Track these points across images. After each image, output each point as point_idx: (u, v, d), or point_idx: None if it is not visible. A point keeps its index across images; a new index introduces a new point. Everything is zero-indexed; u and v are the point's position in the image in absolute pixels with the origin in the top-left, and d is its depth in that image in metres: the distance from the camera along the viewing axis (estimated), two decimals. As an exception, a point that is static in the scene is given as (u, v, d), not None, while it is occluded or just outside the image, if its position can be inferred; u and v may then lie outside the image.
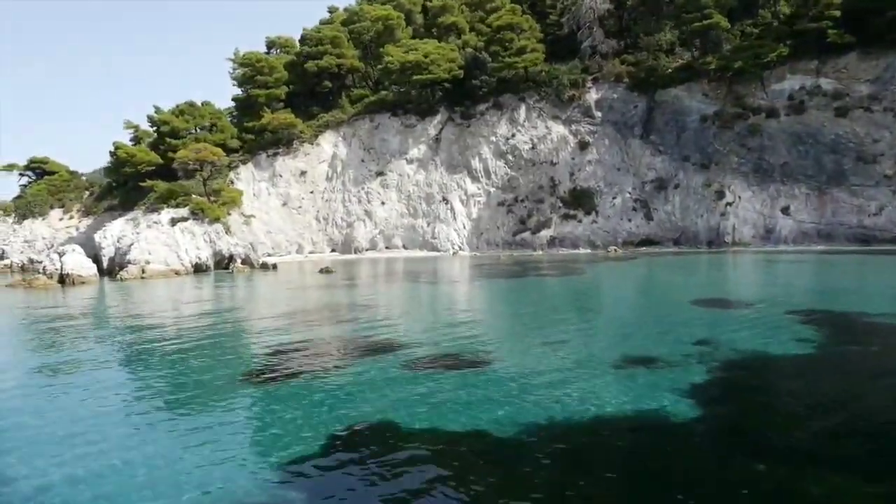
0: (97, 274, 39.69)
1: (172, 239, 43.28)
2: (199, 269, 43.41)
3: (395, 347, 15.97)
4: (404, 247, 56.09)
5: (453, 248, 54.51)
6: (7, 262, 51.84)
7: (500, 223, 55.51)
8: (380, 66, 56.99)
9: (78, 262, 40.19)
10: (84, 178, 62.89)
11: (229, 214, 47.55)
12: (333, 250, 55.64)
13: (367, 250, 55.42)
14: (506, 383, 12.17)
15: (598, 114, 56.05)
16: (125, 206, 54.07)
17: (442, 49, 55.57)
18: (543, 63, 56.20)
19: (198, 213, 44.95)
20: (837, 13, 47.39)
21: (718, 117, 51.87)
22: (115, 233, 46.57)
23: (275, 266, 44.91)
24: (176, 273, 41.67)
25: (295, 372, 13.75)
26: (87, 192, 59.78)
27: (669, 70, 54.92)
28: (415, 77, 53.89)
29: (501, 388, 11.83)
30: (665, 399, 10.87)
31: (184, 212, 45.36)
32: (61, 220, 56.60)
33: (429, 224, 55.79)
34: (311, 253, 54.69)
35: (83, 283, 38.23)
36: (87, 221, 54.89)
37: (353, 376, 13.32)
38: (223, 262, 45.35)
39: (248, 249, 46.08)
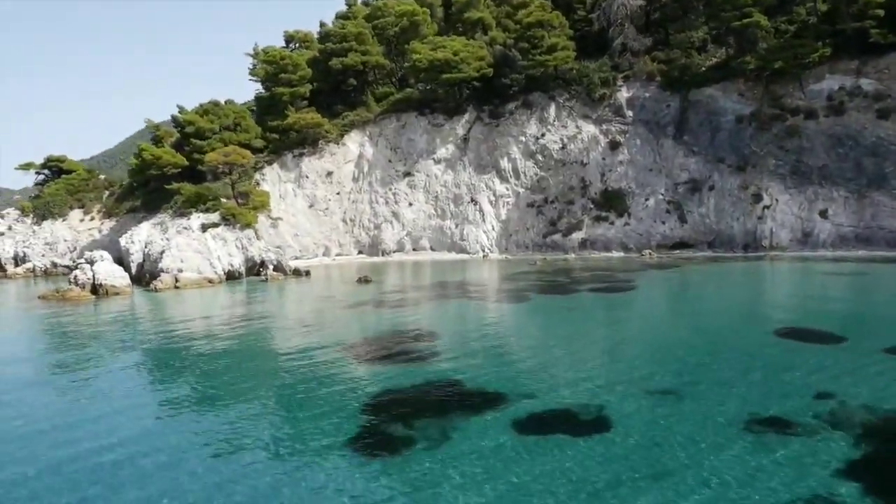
0: (130, 284, 38.71)
1: (204, 246, 42.39)
2: (231, 276, 42.58)
3: (489, 402, 15.14)
4: (432, 248, 55.23)
5: (482, 251, 53.63)
6: (29, 265, 50.88)
7: (530, 224, 54.59)
8: (407, 64, 55.74)
9: (110, 272, 39.34)
10: (102, 177, 61.79)
11: (258, 219, 46.57)
12: (360, 252, 54.76)
13: (394, 252, 54.56)
14: (632, 459, 11.45)
15: (630, 113, 54.95)
16: (148, 207, 53.09)
17: (471, 46, 54.32)
18: (573, 61, 54.97)
19: (229, 219, 44.03)
20: (881, 12, 46.18)
21: (755, 118, 50.77)
22: (142, 238, 45.70)
23: (307, 272, 44.04)
24: (209, 282, 40.83)
25: (391, 437, 12.89)
26: (107, 192, 58.72)
27: (703, 68, 53.76)
28: (444, 76, 52.73)
29: (629, 466, 11.11)
30: (826, 483, 10.07)
31: (214, 217, 44.42)
32: (82, 221, 55.58)
33: (457, 226, 54.87)
34: (337, 255, 53.83)
35: (117, 293, 37.43)
36: (109, 223, 53.87)
37: (458, 442, 12.50)
38: (254, 269, 44.50)
39: (279, 255, 45.17)
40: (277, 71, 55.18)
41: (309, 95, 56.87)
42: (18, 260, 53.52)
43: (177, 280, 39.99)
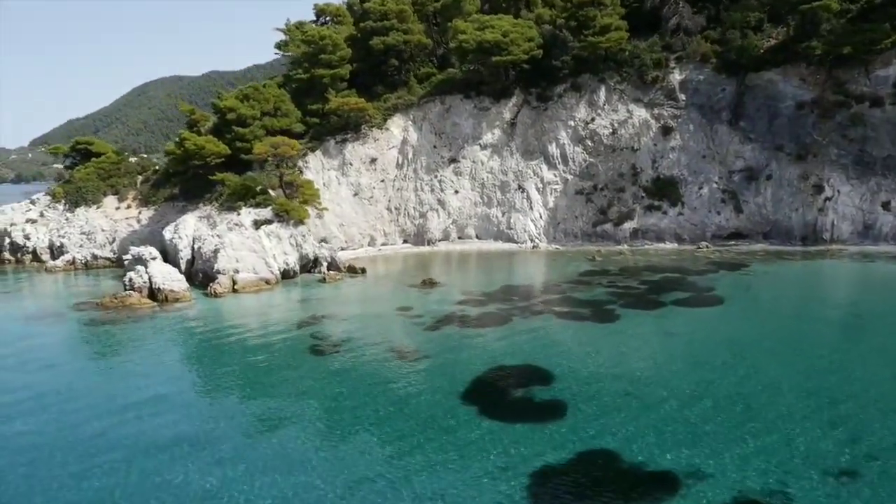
0: (189, 287, 37.39)
1: (259, 244, 40.97)
2: (286, 275, 41.30)
3: (659, 484, 14.19)
4: (477, 237, 53.91)
5: (531, 240, 52.35)
6: (68, 257, 49.18)
7: (579, 213, 53.20)
8: (452, 45, 53.38)
9: (166, 274, 37.97)
10: (133, 160, 59.71)
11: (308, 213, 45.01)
12: (405, 241, 53.40)
13: (439, 241, 53.22)
14: None
15: (683, 97, 53.06)
16: (187, 195, 51.33)
17: (520, 26, 51.96)
18: (626, 42, 52.77)
19: (282, 216, 42.47)
20: (957, -5, 44.16)
21: (817, 105, 49.14)
22: (189, 232, 44.14)
23: (363, 270, 42.80)
24: (266, 283, 39.54)
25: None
26: (140, 177, 56.73)
27: (761, 51, 51.64)
28: (494, 59, 50.52)
29: None
30: None
31: (266, 213, 42.87)
32: (118, 209, 53.68)
33: (503, 214, 53.45)
34: (383, 245, 52.48)
35: (177, 299, 36.11)
36: (147, 213, 52.02)
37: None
38: (307, 266, 43.20)
39: (331, 251, 43.84)
40: (317, 51, 52.77)
41: (348, 77, 54.59)
42: (54, 250, 51.85)
43: (234, 282, 38.69)
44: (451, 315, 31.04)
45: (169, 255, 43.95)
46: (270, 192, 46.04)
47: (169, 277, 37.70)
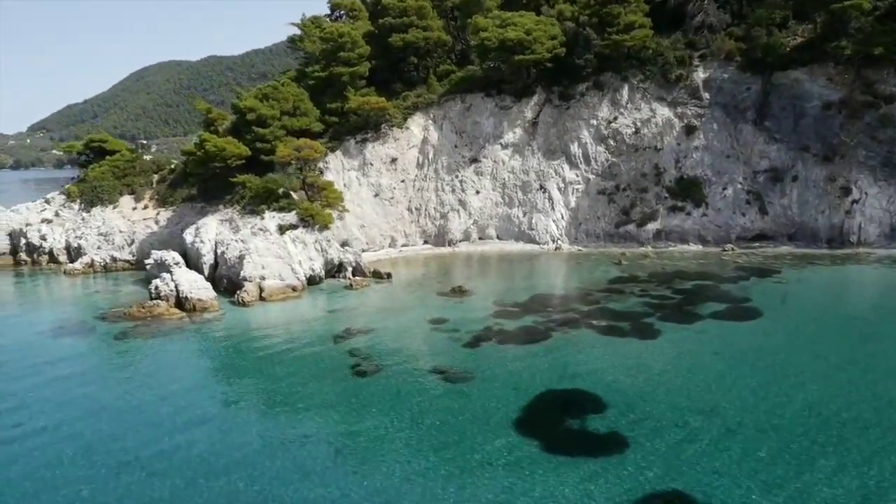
0: (216, 296, 36.94)
1: (285, 250, 40.46)
2: (311, 281, 40.85)
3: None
4: (498, 237, 53.42)
5: (552, 241, 51.88)
6: (86, 259, 48.58)
7: (601, 213, 52.67)
8: (474, 43, 52.50)
9: (193, 282, 37.53)
10: (148, 157, 58.95)
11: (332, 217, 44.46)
12: (426, 242, 52.92)
13: (460, 242, 52.74)
14: None
15: (707, 95, 52.37)
16: (205, 196, 50.76)
17: (543, 24, 51.09)
18: (650, 40, 51.94)
19: (307, 220, 41.94)
20: None
21: (845, 105, 48.48)
22: (210, 236, 43.61)
23: (389, 275, 42.36)
24: (292, 290, 39.07)
25: None
26: (156, 176, 56.03)
27: (787, 49, 50.87)
28: (517, 58, 49.73)
29: None
30: None
31: (291, 218, 42.32)
32: (134, 209, 53.04)
33: (525, 214, 52.92)
34: (403, 246, 51.99)
35: (205, 308, 35.67)
36: (165, 214, 51.38)
37: None
38: (332, 271, 42.75)
39: (356, 256, 43.36)
40: (335, 49, 51.90)
41: (367, 75, 53.78)
42: (72, 251, 51.32)
43: (261, 290, 38.22)
44: (488, 329, 30.64)
45: (190, 259, 43.52)
46: (292, 194, 45.50)
47: (196, 285, 37.25)
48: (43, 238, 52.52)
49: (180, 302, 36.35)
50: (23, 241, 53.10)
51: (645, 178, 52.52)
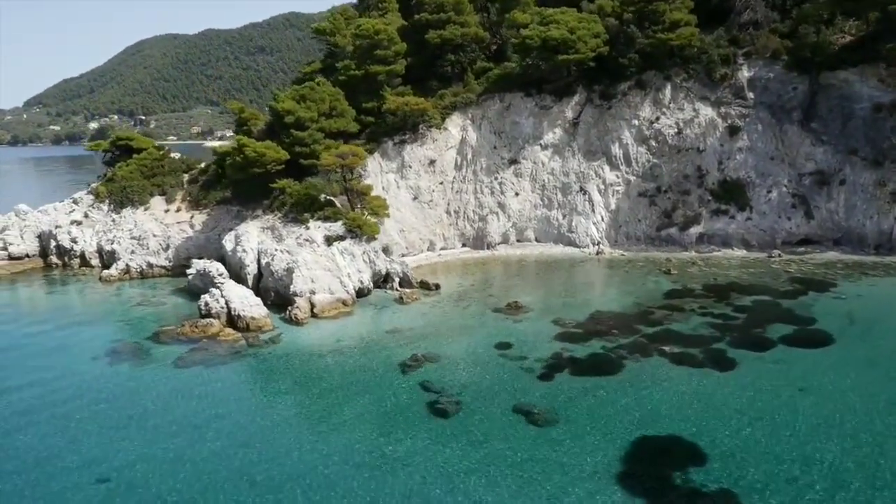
0: (269, 313, 36.21)
1: (333, 263, 39.66)
2: (360, 293, 40.13)
3: None
4: (537, 240, 52.64)
5: (593, 244, 51.12)
6: (122, 265, 47.54)
7: (642, 216, 51.84)
8: (514, 41, 51.05)
9: (243, 298, 36.83)
10: (176, 156, 57.67)
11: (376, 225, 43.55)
12: (464, 245, 52.09)
13: (498, 244, 51.95)
14: None
15: (751, 95, 51.20)
16: (240, 200, 49.78)
17: (585, 22, 49.64)
18: (695, 38, 50.57)
19: (354, 231, 41.06)
20: None
21: (896, 108, 47.34)
22: (252, 245, 42.68)
23: (437, 286, 41.67)
24: (343, 304, 38.36)
25: None
26: (186, 176, 54.87)
27: (836, 48, 49.58)
28: (560, 57, 48.41)
29: None
30: None
31: (337, 228, 41.42)
32: (167, 211, 51.91)
33: (564, 216, 52.06)
34: (442, 249, 51.17)
35: (259, 327, 34.94)
36: (199, 217, 50.34)
37: None
38: (378, 281, 42.00)
39: (403, 266, 42.58)
40: (371, 46, 50.46)
41: (403, 73, 52.42)
42: (104, 255, 50.40)
43: (312, 305, 37.49)
44: (557, 356, 30.05)
45: (231, 268, 42.74)
46: (335, 200, 44.54)
47: (247, 302, 36.54)
48: (73, 241, 51.62)
49: (232, 319, 35.68)
50: (52, 243, 52.18)
51: (687, 179, 51.59)
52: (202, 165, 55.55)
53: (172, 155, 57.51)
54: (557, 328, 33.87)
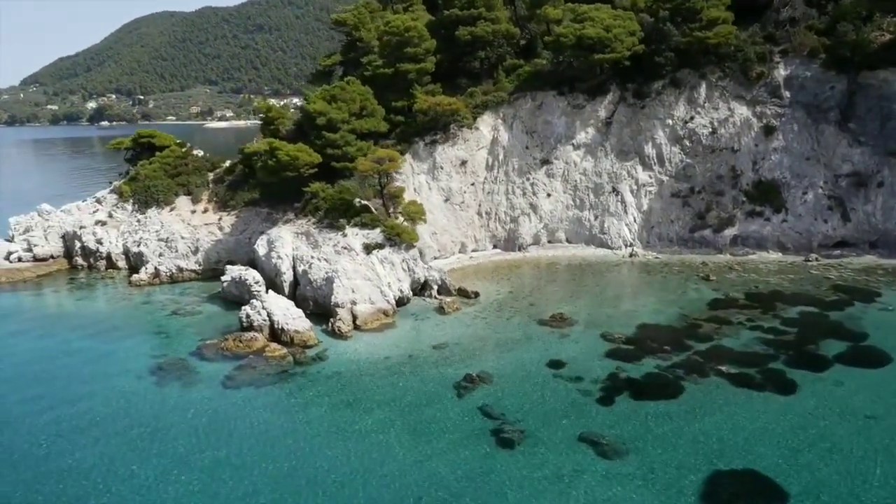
0: (312, 326, 35.70)
1: (373, 272, 39.10)
2: (399, 302, 39.62)
3: None
4: (568, 241, 52.05)
5: (625, 246, 50.57)
6: (151, 269, 46.79)
7: (675, 217, 51.23)
8: (548, 39, 49.97)
9: (285, 310, 36.31)
10: (199, 153, 56.72)
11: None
12: (495, 247, 51.50)
13: (529, 246, 51.38)
14: None
15: (787, 94, 50.34)
16: (270, 202, 49.07)
17: (621, 19, 48.56)
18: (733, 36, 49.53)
19: (393, 239, 40.42)
20: None
21: (938, 110, 46.55)
22: (287, 251, 42.07)
23: (476, 294, 41.19)
24: (384, 314, 37.87)
25: None
26: (211, 175, 53.97)
27: (875, 46, 48.58)
28: (596, 56, 47.41)
29: None
30: None
31: (375, 235, 40.79)
32: (193, 212, 51.08)
33: (596, 217, 51.44)
34: (473, 251, 50.59)
35: (304, 342, 34.46)
36: (228, 219, 49.55)
37: None
38: (416, 289, 41.48)
39: (442, 274, 42.03)
40: (401, 44, 49.36)
41: (433, 70, 51.36)
42: (131, 256, 49.72)
43: (354, 316, 36.98)
44: (613, 378, 29.67)
45: (265, 274, 42.17)
46: (370, 205, 43.82)
47: (290, 314, 36.06)
48: (99, 242, 50.92)
49: (275, 332, 35.22)
50: (77, 244, 51.46)
51: (721, 180, 50.91)
52: (227, 164, 54.61)
53: (195, 152, 56.50)
54: (607, 344, 33.44)
